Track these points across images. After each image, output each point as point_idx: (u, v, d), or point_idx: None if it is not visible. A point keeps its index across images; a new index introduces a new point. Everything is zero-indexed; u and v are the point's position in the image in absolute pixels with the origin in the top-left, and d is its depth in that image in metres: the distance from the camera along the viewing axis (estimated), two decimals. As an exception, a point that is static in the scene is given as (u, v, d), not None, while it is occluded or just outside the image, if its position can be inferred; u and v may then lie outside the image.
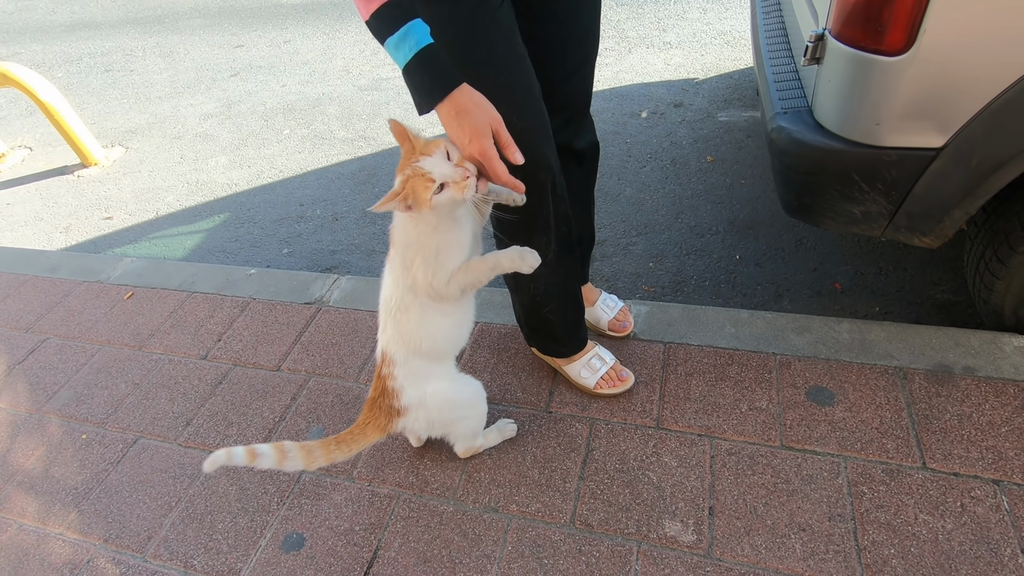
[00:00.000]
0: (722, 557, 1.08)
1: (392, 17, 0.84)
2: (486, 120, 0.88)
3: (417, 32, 0.85)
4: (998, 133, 1.12)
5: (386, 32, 0.85)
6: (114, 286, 2.06)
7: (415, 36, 0.84)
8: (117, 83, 4.35)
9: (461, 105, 0.87)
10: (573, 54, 1.17)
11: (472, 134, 0.87)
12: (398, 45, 0.85)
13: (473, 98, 0.88)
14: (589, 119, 1.34)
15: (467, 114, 0.87)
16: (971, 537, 1.04)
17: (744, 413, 1.30)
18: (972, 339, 1.35)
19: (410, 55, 0.85)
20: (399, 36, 0.84)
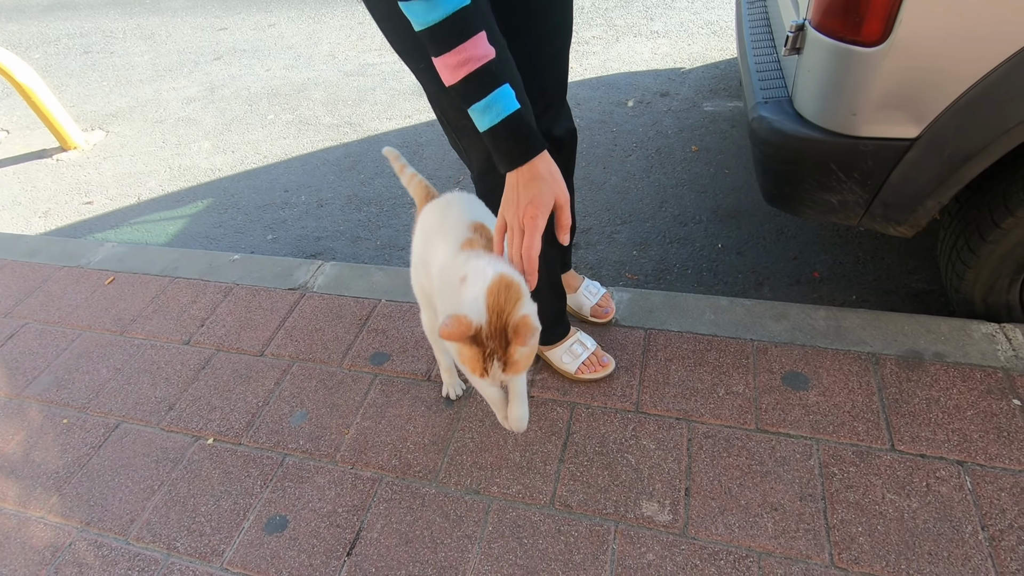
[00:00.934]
0: (697, 536, 1.11)
1: (481, 84, 0.83)
2: (553, 193, 0.87)
3: (504, 98, 0.84)
4: (969, 125, 1.14)
5: (473, 98, 0.83)
6: (95, 271, 2.04)
7: (503, 103, 0.83)
8: (97, 65, 4.26)
9: (536, 172, 0.86)
10: (548, 43, 1.17)
11: (534, 200, 0.85)
12: (484, 111, 0.84)
13: (550, 168, 0.87)
14: (566, 107, 1.35)
15: (540, 181, 0.86)
16: (935, 515, 1.08)
17: (721, 397, 1.32)
18: (942, 326, 1.39)
19: (496, 120, 0.84)
20: (486, 102, 0.83)
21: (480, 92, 0.83)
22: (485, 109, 0.84)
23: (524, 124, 0.85)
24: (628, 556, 1.10)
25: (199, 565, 1.20)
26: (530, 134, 0.86)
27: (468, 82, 0.83)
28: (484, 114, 0.84)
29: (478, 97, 0.83)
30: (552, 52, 1.19)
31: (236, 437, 1.43)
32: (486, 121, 0.85)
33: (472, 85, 0.83)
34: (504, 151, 0.86)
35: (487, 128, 0.85)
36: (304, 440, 1.39)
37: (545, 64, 1.19)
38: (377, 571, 1.14)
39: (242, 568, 1.18)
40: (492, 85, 0.83)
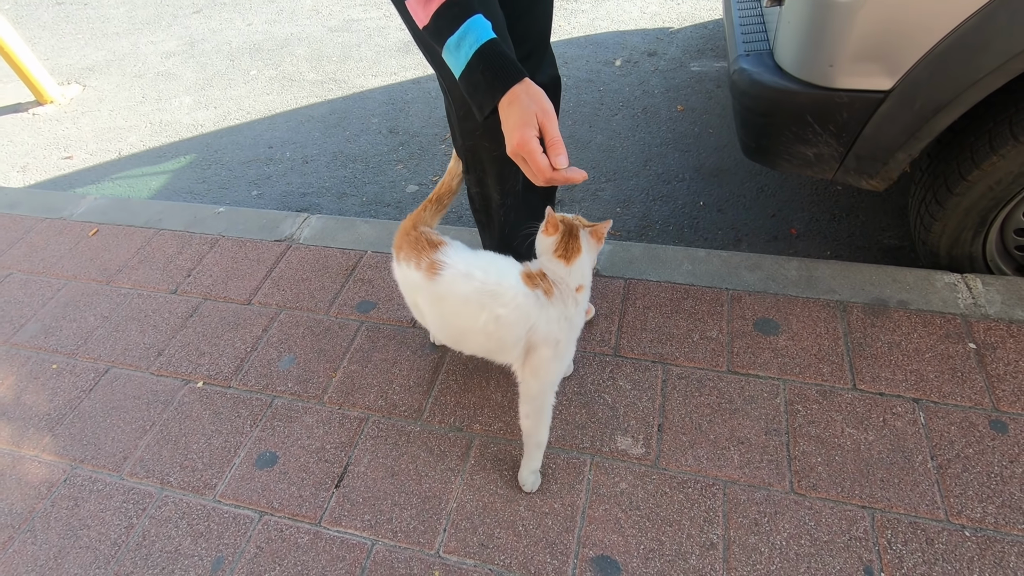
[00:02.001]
0: (667, 467, 1.18)
1: (453, 17, 0.78)
2: (533, 110, 0.79)
3: (478, 27, 0.79)
4: (940, 77, 1.18)
5: (445, 33, 0.79)
6: (78, 223, 2.03)
7: (477, 31, 0.79)
8: (70, 17, 4.12)
9: (515, 96, 0.80)
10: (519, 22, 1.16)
11: (515, 125, 0.79)
12: (458, 45, 0.79)
13: (528, 89, 0.81)
14: (550, 53, 1.35)
15: (516, 103, 0.79)
16: (888, 447, 1.15)
17: (696, 342, 1.38)
18: (908, 276, 1.45)
19: (472, 53, 0.79)
20: (459, 35, 0.79)
21: (452, 25, 0.79)
22: (458, 43, 0.80)
23: (500, 52, 0.81)
24: (602, 485, 1.16)
25: (192, 497, 1.25)
26: (508, 64, 0.81)
27: (439, 17, 0.79)
28: (457, 52, 0.80)
29: (450, 31, 0.79)
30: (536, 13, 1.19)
31: (225, 380, 1.46)
32: (460, 58, 0.81)
33: (443, 20, 0.79)
34: (483, 87, 0.81)
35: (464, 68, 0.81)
36: (292, 383, 1.43)
37: (528, 7, 1.19)
38: (364, 501, 1.20)
39: (234, 499, 1.23)
40: (462, 15, 0.79)
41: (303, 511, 1.20)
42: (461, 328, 1.09)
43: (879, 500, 1.08)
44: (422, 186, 2.28)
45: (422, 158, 2.43)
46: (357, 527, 1.16)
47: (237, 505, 1.23)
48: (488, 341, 1.07)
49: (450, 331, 1.13)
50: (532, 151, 0.79)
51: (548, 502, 1.16)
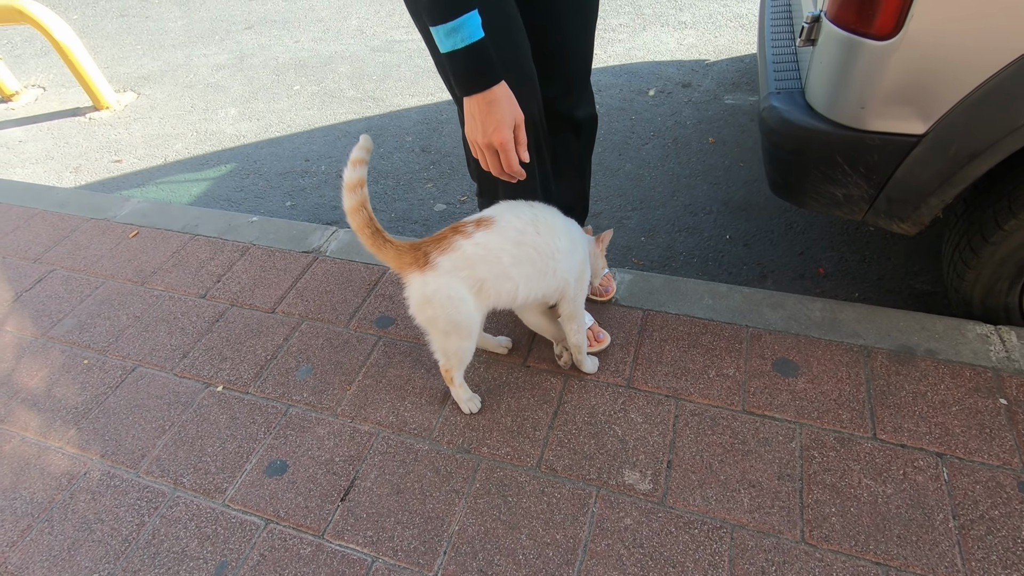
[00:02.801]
0: (674, 505, 1.15)
1: (450, 6, 0.86)
2: (512, 114, 0.95)
3: (471, 24, 0.88)
4: (977, 122, 1.15)
5: (440, 17, 0.87)
6: (120, 224, 2.13)
7: (469, 28, 0.88)
8: (132, 28, 4.36)
9: (494, 96, 0.93)
10: (569, 21, 1.20)
11: (497, 124, 0.94)
12: (450, 33, 0.88)
13: (506, 92, 0.94)
14: (589, 91, 1.37)
15: (497, 105, 0.93)
16: (908, 502, 1.10)
17: (711, 379, 1.36)
18: (937, 324, 1.40)
19: (460, 45, 0.89)
20: (453, 25, 0.87)
21: (447, 14, 0.86)
22: (450, 32, 0.88)
23: (486, 54, 0.90)
24: (607, 519, 1.15)
25: (203, 500, 1.28)
26: (490, 65, 0.91)
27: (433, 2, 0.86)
28: (448, 37, 0.88)
29: (444, 18, 0.87)
30: (577, 28, 1.22)
31: (244, 386, 1.50)
32: (448, 43, 0.89)
33: (441, 5, 0.86)
34: (462, 77, 0.92)
35: (448, 51, 0.90)
36: (308, 393, 1.46)
37: (567, 43, 1.22)
38: (368, 516, 1.20)
39: (242, 505, 1.26)
40: (461, 8, 0.86)
41: (308, 522, 1.21)
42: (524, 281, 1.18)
43: (895, 558, 1.04)
44: (450, 205, 2.32)
45: (452, 177, 2.47)
46: (359, 543, 1.17)
47: (245, 511, 1.25)
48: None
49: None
50: (509, 149, 0.97)
51: (550, 532, 1.14)
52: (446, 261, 1.11)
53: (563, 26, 1.19)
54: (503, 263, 1.12)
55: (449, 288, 1.11)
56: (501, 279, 1.13)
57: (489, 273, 1.12)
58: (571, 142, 1.40)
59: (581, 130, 1.40)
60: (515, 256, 1.13)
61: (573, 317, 1.27)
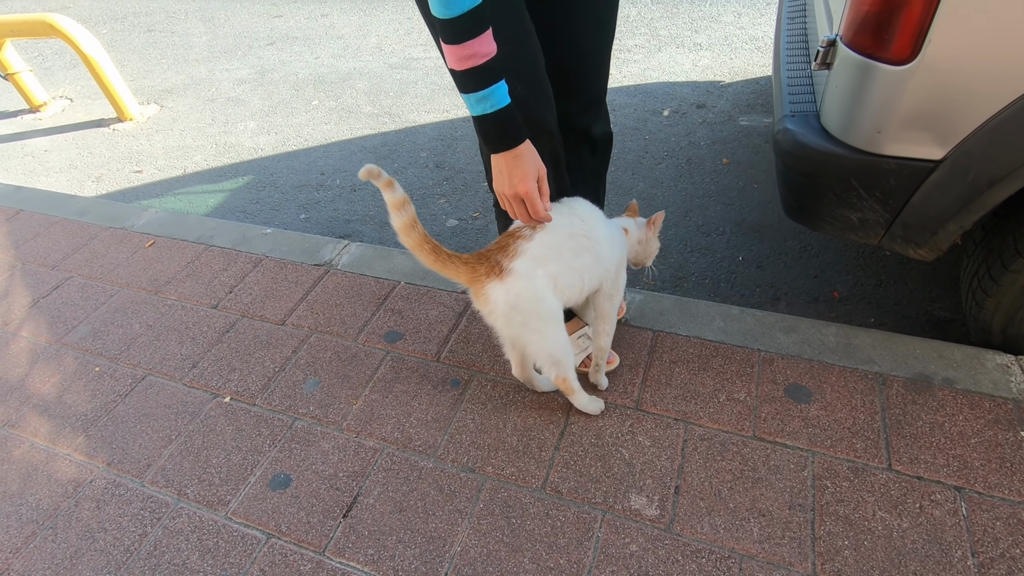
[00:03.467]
0: (681, 533, 1.13)
1: (480, 79, 0.93)
2: (535, 168, 1.04)
3: (499, 93, 0.96)
4: (996, 149, 1.13)
5: (471, 88, 0.94)
6: (137, 234, 2.16)
7: (496, 97, 0.95)
8: (158, 43, 4.47)
9: (519, 152, 1.02)
10: (587, 39, 1.20)
11: (522, 176, 1.03)
12: (480, 100, 0.96)
13: (529, 149, 1.03)
14: (604, 109, 1.38)
15: (522, 159, 1.02)
16: (924, 537, 1.07)
17: (722, 403, 1.33)
18: (956, 353, 1.37)
19: (489, 111, 0.96)
20: (482, 95, 0.95)
21: (478, 85, 0.94)
22: (480, 100, 0.95)
23: (512, 118, 0.98)
24: (611, 545, 1.12)
25: (205, 512, 1.27)
26: (516, 127, 0.99)
27: (469, 74, 0.93)
28: (478, 103, 0.96)
29: (475, 89, 0.94)
30: (591, 49, 1.22)
31: (252, 398, 1.50)
32: (478, 109, 0.97)
33: (472, 78, 0.93)
34: (491, 136, 1.00)
35: (478, 115, 0.98)
36: (314, 406, 1.46)
37: (583, 60, 1.23)
38: (370, 534, 1.19)
39: (244, 518, 1.25)
40: (490, 80, 0.94)
41: (309, 538, 1.20)
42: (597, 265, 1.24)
43: (910, 595, 1.00)
44: (462, 220, 2.33)
45: (464, 193, 2.48)
46: (360, 560, 1.15)
47: (247, 524, 1.24)
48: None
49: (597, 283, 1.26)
50: (534, 198, 1.05)
51: (554, 556, 1.12)
52: (520, 265, 1.12)
53: (581, 43, 1.20)
54: (565, 257, 1.16)
55: (531, 290, 1.13)
56: (568, 272, 1.17)
57: (559, 269, 1.16)
58: (586, 159, 1.40)
59: (596, 147, 1.41)
60: (573, 248, 1.17)
61: (607, 317, 1.30)
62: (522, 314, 1.13)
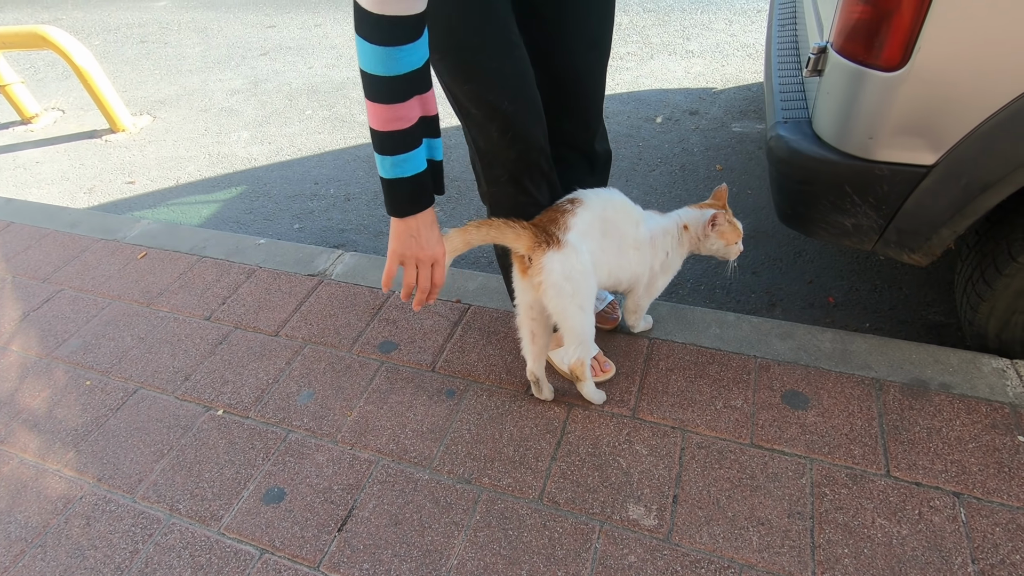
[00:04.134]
0: (680, 543, 1.12)
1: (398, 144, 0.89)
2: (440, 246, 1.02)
3: (415, 159, 0.92)
4: (988, 154, 1.14)
5: (388, 151, 0.90)
6: (129, 245, 2.14)
7: (412, 162, 0.92)
8: (151, 54, 4.47)
9: (417, 228, 0.98)
10: (581, 59, 1.20)
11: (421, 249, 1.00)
12: (396, 164, 0.91)
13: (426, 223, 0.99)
14: (603, 127, 1.38)
15: (421, 237, 0.99)
16: (924, 544, 1.06)
17: (719, 410, 1.33)
18: (952, 357, 1.37)
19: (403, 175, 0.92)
20: (398, 159, 0.90)
21: (396, 149, 0.89)
22: (397, 164, 0.91)
23: (425, 185, 0.95)
24: (610, 556, 1.11)
25: (198, 527, 1.25)
26: (424, 192, 0.96)
27: (389, 137, 0.88)
28: (394, 167, 0.91)
29: (393, 152, 0.90)
30: (590, 65, 1.22)
31: (245, 411, 1.48)
32: (393, 172, 0.92)
33: (390, 141, 0.89)
34: (401, 200, 0.96)
35: (391, 178, 0.93)
36: (308, 419, 1.44)
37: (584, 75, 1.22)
38: (365, 548, 1.17)
39: (238, 534, 1.23)
40: (409, 147, 0.90)
41: (303, 553, 1.18)
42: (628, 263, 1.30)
43: (911, 604, 1.00)
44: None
45: (459, 201, 2.48)
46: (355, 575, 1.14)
47: (240, 540, 1.22)
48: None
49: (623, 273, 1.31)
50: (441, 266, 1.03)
51: (552, 569, 1.11)
52: (572, 237, 1.15)
53: (576, 63, 1.19)
54: (598, 239, 1.20)
55: (583, 263, 1.15)
56: (600, 252, 1.20)
57: (596, 247, 1.19)
58: (586, 177, 1.40)
59: (596, 165, 1.40)
60: (604, 232, 1.21)
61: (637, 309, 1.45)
62: (572, 285, 1.15)
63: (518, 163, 1.15)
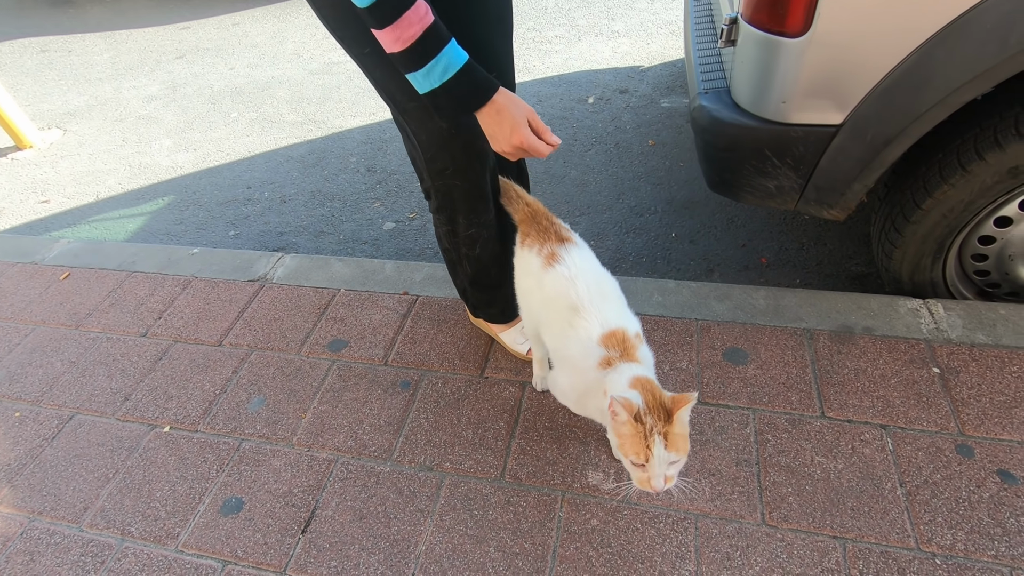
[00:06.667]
0: (639, 502, 1.16)
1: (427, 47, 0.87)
2: (523, 114, 0.97)
3: (453, 52, 0.89)
4: (886, 111, 1.22)
5: (420, 62, 0.88)
6: (49, 267, 2.02)
7: (452, 56, 0.89)
8: (54, 64, 4.18)
9: (500, 104, 0.95)
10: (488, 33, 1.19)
11: (513, 127, 0.96)
12: (432, 69, 0.89)
13: (509, 97, 0.96)
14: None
15: (506, 111, 0.96)
16: (858, 474, 1.15)
17: (666, 373, 1.38)
18: (872, 303, 1.47)
19: (450, 74, 0.90)
20: (435, 61, 0.88)
21: (428, 54, 0.87)
22: (435, 66, 0.88)
23: (477, 71, 0.92)
24: (574, 523, 1.15)
25: (154, 548, 1.21)
26: (484, 78, 0.93)
27: (418, 44, 0.86)
28: (432, 72, 0.89)
29: (429, 57, 0.88)
30: (499, 40, 1.23)
31: (193, 424, 1.44)
32: (436, 79, 0.89)
33: (421, 47, 0.87)
34: (462, 100, 0.93)
35: (440, 84, 0.90)
36: (261, 425, 1.41)
37: (497, 52, 1.22)
38: (331, 546, 1.17)
39: (197, 549, 1.20)
40: (439, 45, 0.88)
41: (268, 559, 1.16)
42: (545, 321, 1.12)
43: (850, 530, 1.08)
44: (399, 223, 2.30)
45: (399, 195, 2.45)
46: (323, 574, 1.13)
47: (200, 555, 1.19)
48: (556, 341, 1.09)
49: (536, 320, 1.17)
50: (533, 144, 0.98)
51: (519, 542, 1.13)
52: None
53: (484, 38, 1.19)
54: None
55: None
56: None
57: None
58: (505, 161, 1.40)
59: None
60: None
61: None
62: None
63: (466, 151, 1.14)
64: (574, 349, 1.02)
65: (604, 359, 0.98)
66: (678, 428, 0.87)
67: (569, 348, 1.03)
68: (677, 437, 0.87)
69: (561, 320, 1.05)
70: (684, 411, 0.87)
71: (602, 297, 1.06)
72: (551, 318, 1.08)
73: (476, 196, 1.21)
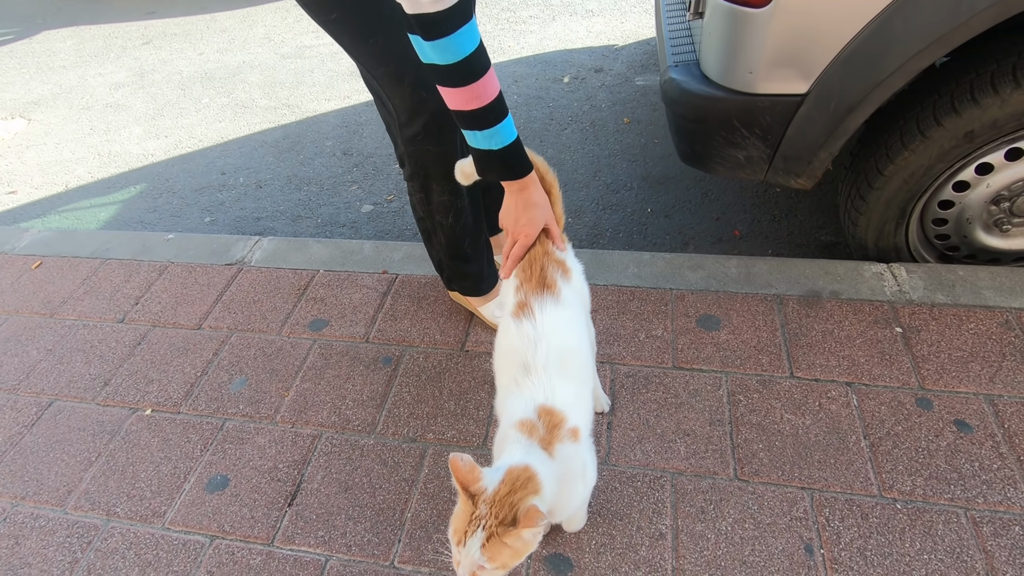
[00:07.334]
0: (617, 463, 1.20)
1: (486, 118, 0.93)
2: (544, 219, 1.03)
3: (506, 129, 0.95)
4: (848, 79, 1.26)
5: (479, 126, 0.93)
6: (20, 256, 1.99)
7: (505, 132, 0.95)
8: (15, 52, 4.05)
9: (531, 200, 1.01)
10: None
11: (530, 222, 1.01)
12: (488, 137, 0.95)
13: (541, 195, 1.03)
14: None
15: (535, 208, 1.01)
16: (825, 429, 1.20)
17: (642, 341, 1.42)
18: (838, 268, 1.52)
19: (498, 147, 0.96)
20: (491, 132, 0.94)
21: (486, 123, 0.93)
22: (489, 136, 0.95)
23: (520, 151, 0.98)
24: (554, 485, 1.18)
25: (140, 527, 1.22)
26: (523, 160, 1.00)
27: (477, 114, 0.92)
28: (487, 140, 0.95)
29: (484, 127, 0.93)
30: None
31: (175, 406, 1.44)
32: (485, 144, 0.96)
33: (480, 117, 0.93)
34: (498, 168, 0.99)
35: (486, 149, 0.96)
36: (244, 404, 1.42)
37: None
38: (317, 517, 1.19)
39: (184, 526, 1.21)
40: (498, 119, 0.94)
41: (255, 532, 1.18)
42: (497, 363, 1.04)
43: (817, 481, 1.13)
44: (377, 205, 2.30)
45: (376, 178, 2.45)
46: (311, 544, 1.15)
47: (187, 531, 1.20)
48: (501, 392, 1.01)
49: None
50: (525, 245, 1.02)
51: (502, 505, 1.16)
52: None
53: None
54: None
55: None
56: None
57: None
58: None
59: None
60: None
61: None
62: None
63: (437, 117, 1.16)
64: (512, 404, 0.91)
65: (527, 424, 0.86)
66: (510, 540, 0.73)
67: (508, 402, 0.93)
68: (503, 548, 0.74)
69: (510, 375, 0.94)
70: (529, 532, 0.72)
71: (561, 372, 0.91)
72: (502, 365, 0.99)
73: (448, 161, 1.22)
